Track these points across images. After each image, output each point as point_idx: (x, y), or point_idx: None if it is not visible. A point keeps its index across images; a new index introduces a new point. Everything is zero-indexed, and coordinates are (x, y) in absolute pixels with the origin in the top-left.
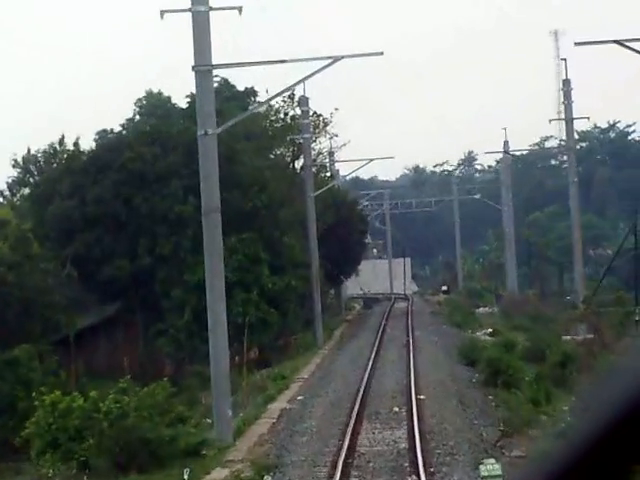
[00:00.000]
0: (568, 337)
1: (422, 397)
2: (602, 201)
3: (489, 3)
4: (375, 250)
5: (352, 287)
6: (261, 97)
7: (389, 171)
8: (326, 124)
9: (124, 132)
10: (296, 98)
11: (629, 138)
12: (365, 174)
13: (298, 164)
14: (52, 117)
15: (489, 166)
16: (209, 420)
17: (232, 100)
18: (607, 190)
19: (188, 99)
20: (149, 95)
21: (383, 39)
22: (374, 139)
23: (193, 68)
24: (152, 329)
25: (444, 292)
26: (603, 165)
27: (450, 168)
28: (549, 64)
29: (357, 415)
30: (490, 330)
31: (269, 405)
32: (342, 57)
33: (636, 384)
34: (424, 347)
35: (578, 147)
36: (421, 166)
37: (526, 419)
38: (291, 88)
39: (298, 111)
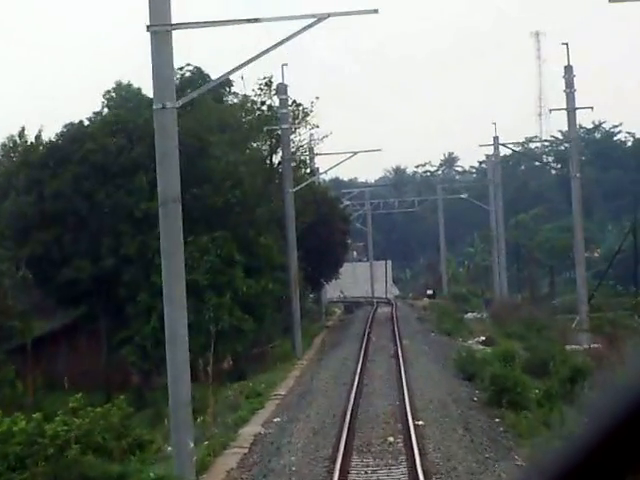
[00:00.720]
0: (572, 347)
1: (420, 423)
2: (588, 202)
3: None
4: (355, 252)
5: (332, 291)
6: (237, 88)
7: (369, 173)
8: (306, 114)
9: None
10: (274, 86)
11: (615, 139)
12: (345, 175)
13: (276, 159)
14: (19, 111)
15: (472, 167)
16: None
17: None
18: (593, 191)
19: None
20: (119, 87)
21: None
22: (357, 137)
23: (148, 28)
24: (116, 336)
25: (429, 296)
26: (588, 166)
27: (432, 169)
28: (531, 65)
29: (345, 447)
30: (483, 338)
31: (240, 429)
32: (328, 15)
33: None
34: (415, 358)
35: (562, 148)
36: (402, 167)
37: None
38: (268, 51)
39: (276, 102)
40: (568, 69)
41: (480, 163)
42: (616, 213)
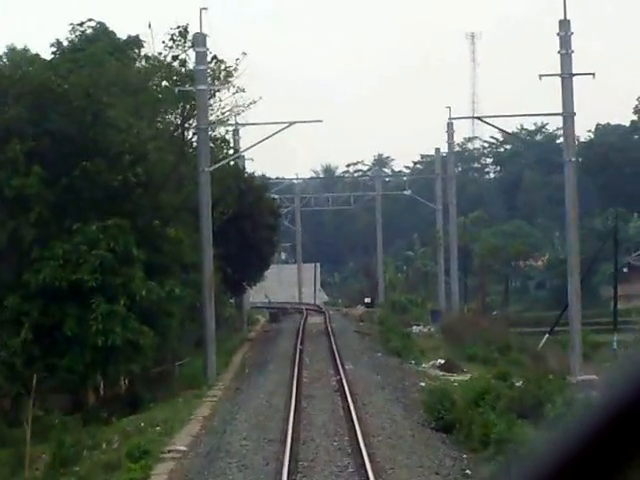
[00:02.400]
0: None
1: None
2: (531, 207)
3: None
4: (284, 254)
5: (256, 294)
6: (148, 49)
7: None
8: (229, 73)
9: None
10: (190, 37)
11: (558, 142)
12: (272, 172)
13: (191, 134)
14: None
15: (406, 166)
16: None
17: (113, 53)
18: (536, 196)
19: (53, 48)
20: (11, 51)
21: None
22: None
23: None
24: None
25: (367, 305)
26: (529, 169)
27: (364, 168)
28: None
29: None
30: (440, 361)
31: None
32: None
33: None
34: (366, 394)
35: (502, 149)
36: (332, 166)
37: None
38: None
39: (193, 57)
40: (565, 23)
41: (415, 163)
42: (561, 220)
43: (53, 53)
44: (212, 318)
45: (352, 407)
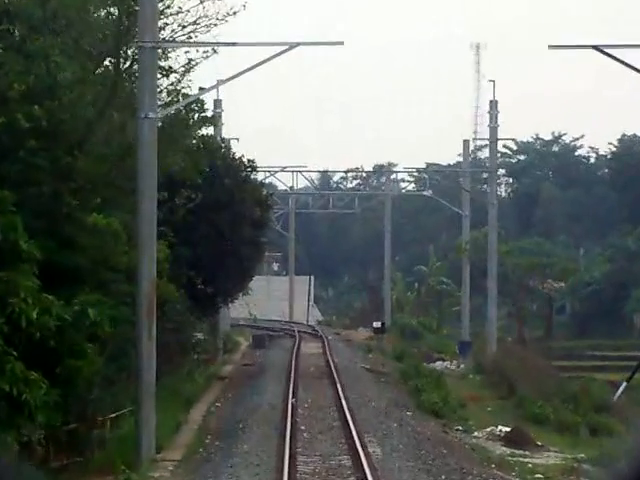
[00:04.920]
0: None
1: None
2: (548, 223)
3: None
4: (276, 264)
5: (240, 307)
6: None
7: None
8: None
9: None
10: None
11: (576, 154)
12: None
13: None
14: None
15: (411, 174)
16: None
17: None
18: (553, 211)
19: None
20: None
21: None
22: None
23: None
24: None
25: (376, 330)
26: (545, 181)
27: (364, 176)
28: (470, 80)
29: None
30: (502, 429)
31: None
32: None
33: None
34: None
35: (515, 160)
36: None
37: None
38: None
39: None
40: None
41: (419, 172)
42: (578, 238)
43: None
44: (151, 356)
45: None
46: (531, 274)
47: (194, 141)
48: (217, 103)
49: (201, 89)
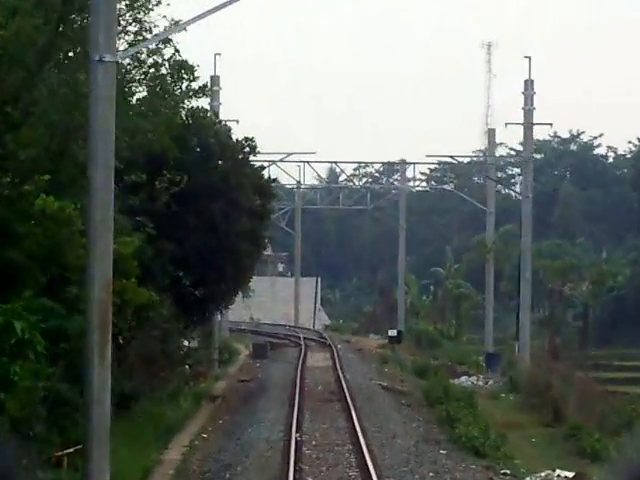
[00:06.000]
0: None
1: None
2: (566, 224)
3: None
4: (281, 265)
5: (241, 310)
6: None
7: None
8: None
9: None
10: None
11: (594, 152)
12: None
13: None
14: None
15: (422, 173)
16: None
17: None
18: (572, 212)
19: None
20: None
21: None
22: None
23: None
24: None
25: (392, 339)
26: (562, 181)
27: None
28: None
29: None
30: (562, 475)
31: None
32: None
33: None
34: None
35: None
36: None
37: None
38: None
39: None
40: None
41: (431, 170)
42: (597, 239)
43: None
44: (104, 387)
45: None
46: (562, 278)
47: (182, 115)
48: (214, 79)
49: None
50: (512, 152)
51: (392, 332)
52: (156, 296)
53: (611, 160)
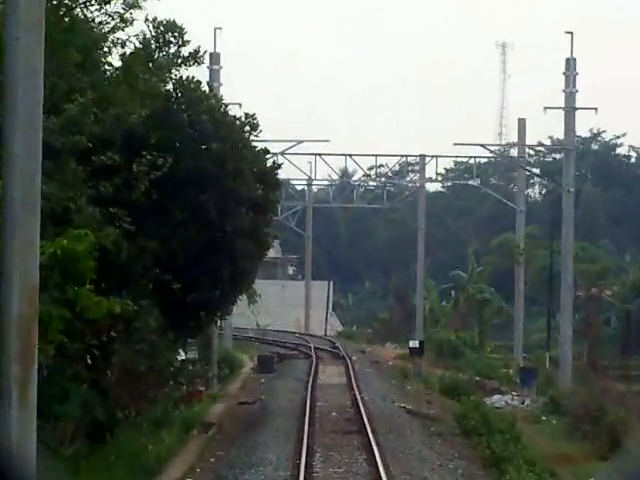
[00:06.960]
0: None
1: None
2: (588, 226)
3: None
4: (292, 268)
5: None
6: None
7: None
8: None
9: None
10: None
11: (616, 152)
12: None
13: None
14: None
15: (438, 173)
16: None
17: None
18: (594, 213)
19: None
20: None
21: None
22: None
23: None
24: None
25: (413, 351)
26: (583, 182)
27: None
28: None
29: None
30: None
31: None
32: None
33: None
34: None
35: (550, 159)
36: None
37: None
38: None
39: None
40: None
41: (447, 171)
42: (619, 242)
43: None
44: (28, 439)
45: None
46: (600, 283)
47: (169, 86)
48: (214, 57)
49: None
50: (530, 151)
51: (413, 343)
52: (133, 305)
53: (633, 160)
